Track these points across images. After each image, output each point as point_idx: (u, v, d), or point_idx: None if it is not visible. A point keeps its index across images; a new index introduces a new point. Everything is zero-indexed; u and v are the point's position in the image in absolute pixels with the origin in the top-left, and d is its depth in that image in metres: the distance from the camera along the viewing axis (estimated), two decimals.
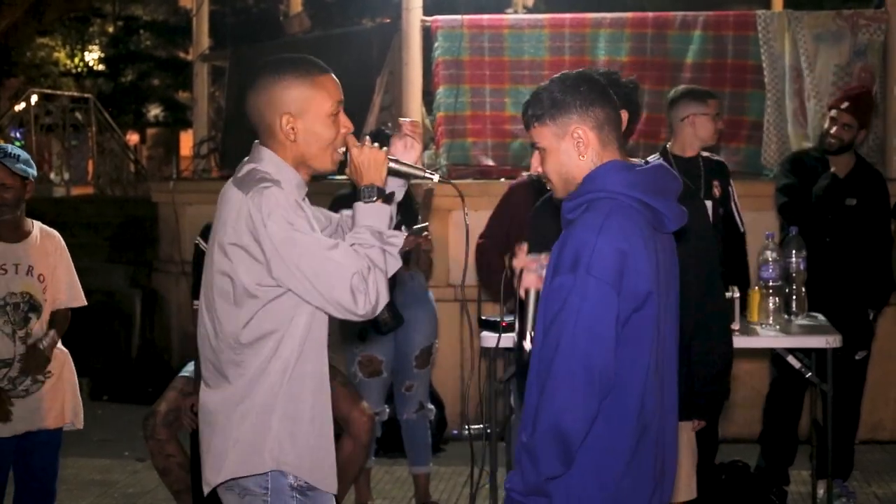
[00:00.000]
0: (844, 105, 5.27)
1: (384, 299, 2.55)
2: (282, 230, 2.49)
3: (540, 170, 2.59)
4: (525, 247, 2.70)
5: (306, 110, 2.61)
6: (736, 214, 5.03)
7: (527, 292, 2.66)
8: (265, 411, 2.60)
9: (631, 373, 2.43)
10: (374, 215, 2.61)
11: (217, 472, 2.64)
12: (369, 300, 2.51)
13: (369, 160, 2.63)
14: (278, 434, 2.61)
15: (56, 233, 4.27)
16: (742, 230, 5.05)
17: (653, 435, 2.49)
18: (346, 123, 2.67)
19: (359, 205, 2.63)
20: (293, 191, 2.61)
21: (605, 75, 3.29)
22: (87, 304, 4.33)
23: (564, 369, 2.36)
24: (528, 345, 2.62)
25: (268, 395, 2.60)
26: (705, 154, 4.94)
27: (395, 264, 2.63)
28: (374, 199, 2.62)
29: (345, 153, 2.67)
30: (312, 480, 2.65)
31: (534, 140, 2.58)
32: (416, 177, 2.77)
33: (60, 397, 4.26)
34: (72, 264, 4.28)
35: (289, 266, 2.50)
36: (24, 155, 4.11)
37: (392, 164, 2.68)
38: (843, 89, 6.38)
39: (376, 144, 2.68)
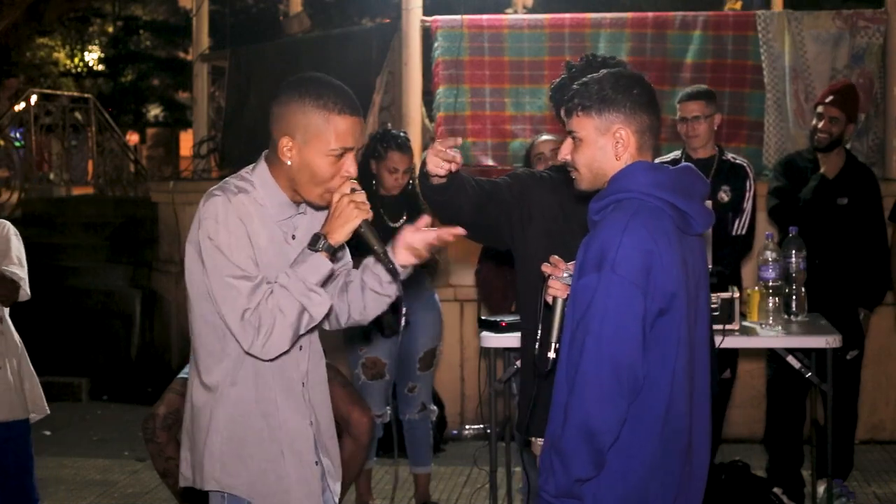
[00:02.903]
0: (829, 99, 5.29)
1: (279, 347, 2.49)
2: (203, 240, 2.50)
3: (569, 158, 2.57)
4: (558, 257, 2.63)
5: (310, 141, 2.54)
6: (740, 218, 4.99)
7: (554, 300, 2.60)
8: (203, 430, 2.60)
9: (657, 376, 2.41)
10: (309, 264, 2.51)
11: (183, 476, 2.71)
12: (258, 341, 2.45)
13: (341, 212, 2.52)
14: (222, 456, 2.59)
15: (5, 221, 4.31)
16: (737, 233, 4.99)
17: (682, 440, 2.47)
18: (348, 169, 2.57)
19: (304, 249, 2.56)
20: (270, 208, 2.58)
21: (614, 64, 3.27)
22: (29, 297, 4.28)
23: (591, 370, 2.35)
24: (552, 354, 2.56)
25: (202, 415, 2.60)
26: (730, 156, 4.99)
27: (307, 320, 2.51)
28: (319, 249, 2.52)
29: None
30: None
31: (571, 128, 2.55)
32: (376, 254, 2.61)
33: (16, 389, 4.26)
34: (22, 252, 4.28)
35: (208, 277, 2.51)
36: None
37: (361, 230, 2.55)
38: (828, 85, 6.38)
39: (366, 203, 2.55)
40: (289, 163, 2.56)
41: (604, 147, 2.52)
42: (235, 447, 2.60)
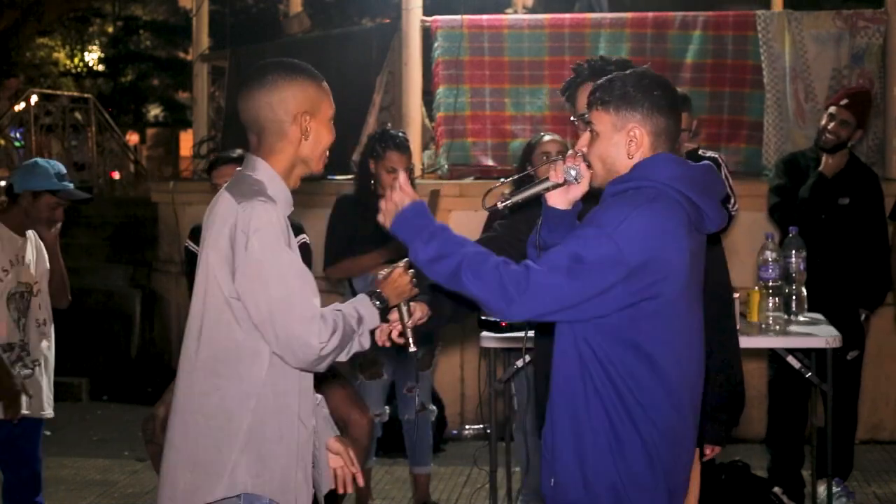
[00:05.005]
0: (844, 102, 5.27)
1: (332, 357, 2.55)
2: (264, 247, 2.49)
3: (585, 150, 2.61)
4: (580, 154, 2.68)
5: (318, 111, 2.66)
6: (731, 200, 4.96)
7: (552, 175, 2.68)
8: (234, 434, 2.55)
9: (666, 354, 2.47)
10: (367, 311, 2.65)
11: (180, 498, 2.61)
12: (322, 340, 2.49)
13: (400, 289, 2.71)
14: (248, 458, 2.56)
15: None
16: (733, 213, 4.98)
17: (667, 426, 2.51)
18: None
19: (363, 296, 2.70)
20: (283, 208, 2.61)
21: (619, 65, 3.28)
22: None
23: (553, 270, 2.42)
24: (502, 203, 2.69)
25: (232, 421, 2.56)
26: (699, 152, 4.94)
27: (347, 351, 2.61)
28: (378, 307, 2.68)
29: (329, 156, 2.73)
30: (284, 501, 2.60)
31: (591, 120, 2.59)
32: (404, 329, 2.77)
33: (44, 385, 4.37)
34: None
35: (252, 282, 2.49)
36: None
37: (402, 306, 2.74)
38: (844, 87, 6.39)
39: (411, 271, 2.72)
40: (307, 139, 2.65)
41: (618, 143, 2.55)
42: (258, 446, 2.58)
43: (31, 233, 4.40)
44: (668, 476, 2.51)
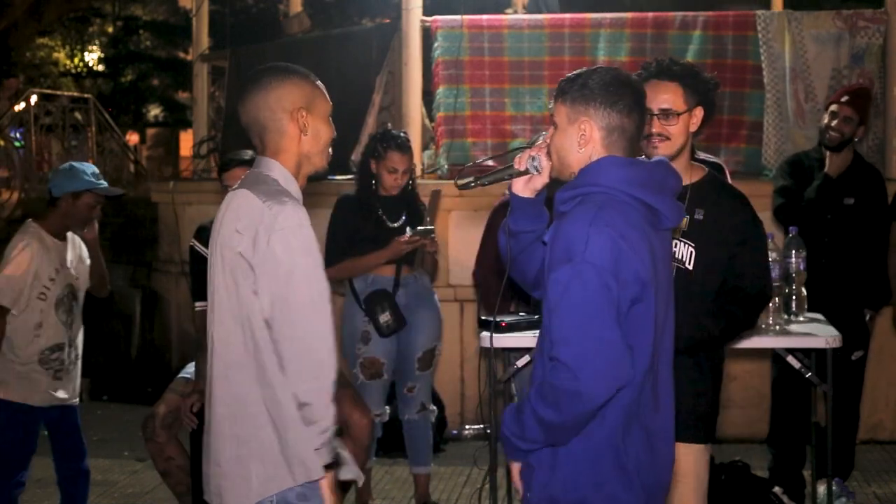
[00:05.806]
0: (845, 99, 5.29)
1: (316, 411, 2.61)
2: (286, 248, 2.53)
3: (549, 141, 2.63)
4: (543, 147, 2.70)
5: (313, 107, 2.72)
6: None
7: (516, 163, 2.72)
8: (293, 421, 2.60)
9: (642, 352, 2.45)
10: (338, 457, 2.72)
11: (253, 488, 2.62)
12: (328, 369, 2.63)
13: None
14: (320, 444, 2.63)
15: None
16: None
17: (640, 428, 2.50)
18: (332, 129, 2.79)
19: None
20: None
21: (686, 67, 3.31)
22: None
23: (588, 350, 2.37)
24: (473, 182, 2.80)
25: (287, 405, 2.59)
26: (702, 156, 4.89)
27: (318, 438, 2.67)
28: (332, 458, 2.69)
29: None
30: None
31: (553, 113, 2.61)
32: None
33: (78, 374, 4.69)
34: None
35: (268, 278, 2.53)
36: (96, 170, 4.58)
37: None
38: (842, 87, 6.40)
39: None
40: (306, 135, 2.70)
41: (570, 136, 2.56)
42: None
43: (69, 234, 4.58)
44: (646, 485, 2.51)
